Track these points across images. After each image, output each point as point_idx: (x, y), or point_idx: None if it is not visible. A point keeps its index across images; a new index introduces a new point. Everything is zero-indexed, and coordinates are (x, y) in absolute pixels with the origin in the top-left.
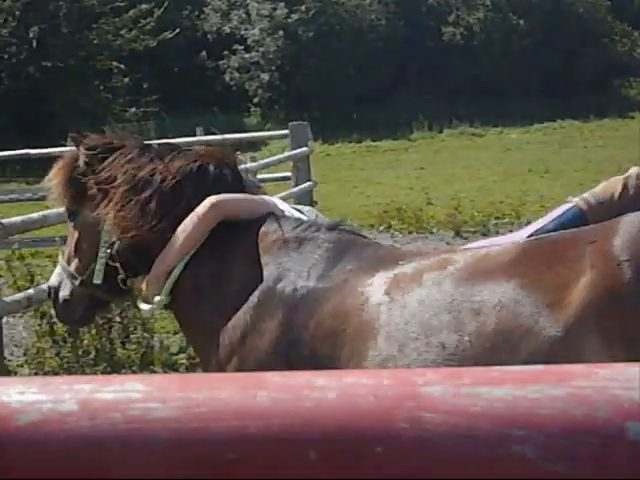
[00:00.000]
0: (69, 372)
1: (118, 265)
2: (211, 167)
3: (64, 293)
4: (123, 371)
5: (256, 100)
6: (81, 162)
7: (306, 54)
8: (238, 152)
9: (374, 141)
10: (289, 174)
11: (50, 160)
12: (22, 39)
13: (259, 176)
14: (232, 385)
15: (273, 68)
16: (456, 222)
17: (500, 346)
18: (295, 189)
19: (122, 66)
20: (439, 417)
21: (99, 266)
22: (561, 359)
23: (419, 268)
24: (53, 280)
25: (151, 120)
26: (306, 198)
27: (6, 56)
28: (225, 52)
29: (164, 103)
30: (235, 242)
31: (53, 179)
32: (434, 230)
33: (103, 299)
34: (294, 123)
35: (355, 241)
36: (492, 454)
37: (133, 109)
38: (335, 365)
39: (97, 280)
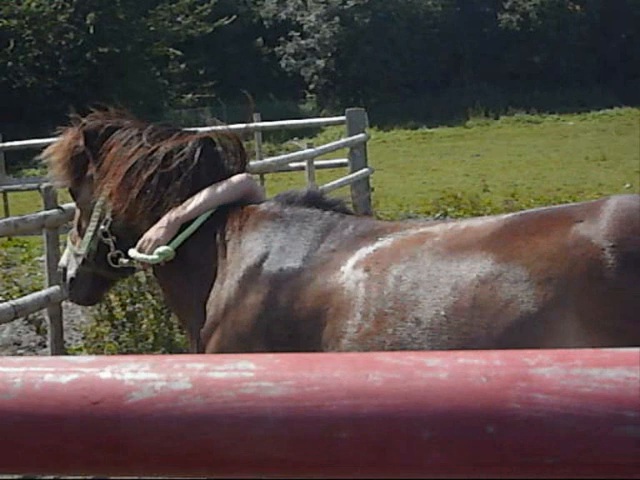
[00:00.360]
0: None
1: (110, 242)
2: (210, 149)
3: (70, 272)
4: None
5: (312, 86)
6: (81, 142)
7: (362, 40)
8: (295, 139)
9: (430, 128)
10: (346, 160)
11: None
12: (79, 25)
13: (316, 162)
14: (344, 365)
15: (329, 54)
16: (513, 209)
17: (476, 321)
18: (352, 175)
19: (178, 52)
20: (551, 398)
21: (86, 239)
22: (537, 336)
23: (397, 243)
24: (63, 260)
25: (207, 106)
26: (363, 184)
27: (64, 42)
28: (281, 38)
29: (220, 89)
30: (228, 218)
31: (53, 155)
32: None
33: (107, 277)
34: (351, 109)
35: (339, 219)
36: (604, 435)
37: (189, 95)
38: (316, 344)
39: (81, 251)
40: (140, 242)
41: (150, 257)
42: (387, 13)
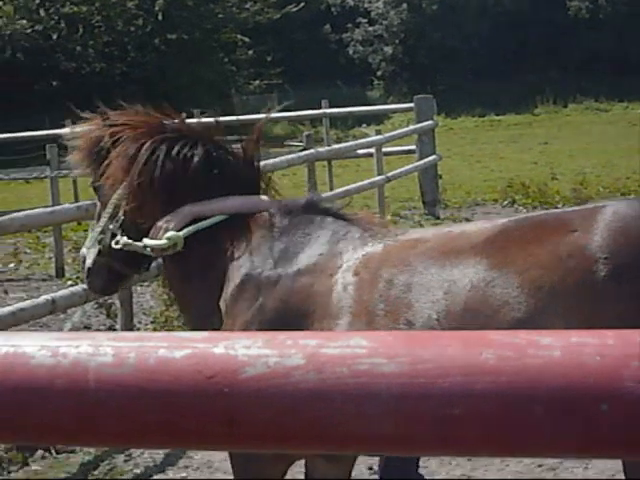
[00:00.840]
0: None
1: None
2: (225, 157)
3: (88, 262)
4: None
5: (379, 73)
6: (106, 139)
7: (430, 27)
8: (364, 125)
9: (497, 115)
10: (414, 147)
11: None
12: (148, 12)
13: (384, 149)
14: (457, 343)
15: (396, 41)
16: (581, 197)
17: (468, 326)
18: (420, 162)
19: (246, 39)
20: None
21: (94, 234)
22: None
23: (388, 248)
24: (84, 249)
25: (274, 92)
26: (431, 171)
27: (132, 29)
28: (349, 25)
29: (287, 76)
30: (238, 225)
31: (78, 141)
32: (559, 205)
33: (120, 271)
34: (420, 96)
35: (331, 224)
36: None
37: (257, 81)
38: None
39: (87, 245)
40: (152, 230)
41: (159, 242)
42: (455, 0)
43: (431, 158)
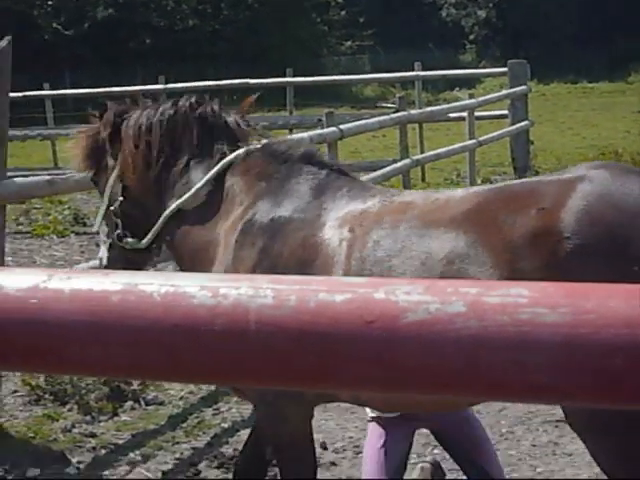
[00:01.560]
0: None
1: (119, 221)
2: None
3: (103, 261)
4: None
5: (471, 37)
6: (103, 134)
7: None
8: (457, 89)
9: (590, 83)
10: (506, 112)
11: (268, 90)
12: None
13: (475, 114)
14: (619, 294)
15: (490, 5)
16: None
17: None
18: (512, 128)
19: None
20: None
21: (98, 217)
22: None
23: (382, 209)
24: (100, 253)
25: (366, 54)
26: (522, 137)
27: None
28: None
29: (379, 37)
30: (232, 175)
31: (73, 150)
32: None
33: (135, 260)
34: (513, 61)
35: (334, 179)
36: None
37: (348, 42)
38: None
39: (95, 228)
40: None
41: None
42: None
43: (523, 124)
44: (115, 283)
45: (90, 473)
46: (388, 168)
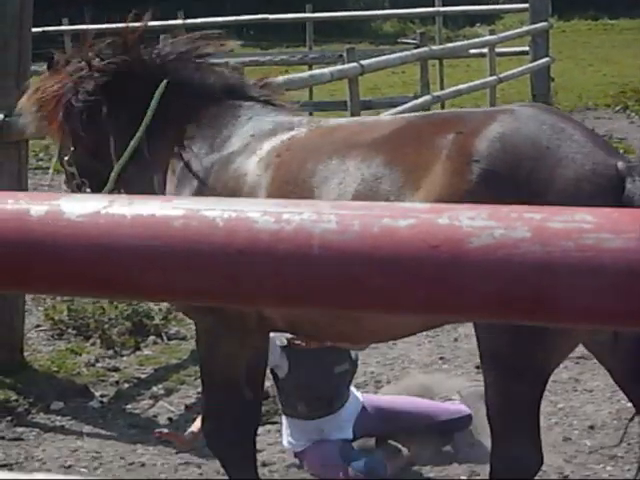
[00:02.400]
0: None
1: (75, 171)
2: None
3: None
4: None
5: None
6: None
7: None
8: (477, 24)
9: (611, 19)
10: (527, 49)
11: (285, 26)
12: None
13: (496, 50)
14: None
15: None
16: None
17: None
18: (532, 64)
19: None
20: None
21: (51, 169)
22: None
23: (310, 134)
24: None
25: None
26: (543, 74)
27: None
28: None
29: None
30: (171, 119)
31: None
32: None
33: None
34: None
35: (260, 109)
36: None
37: None
38: None
39: (47, 180)
40: None
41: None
42: None
43: (544, 60)
44: (177, 209)
45: (113, 406)
46: (408, 104)
